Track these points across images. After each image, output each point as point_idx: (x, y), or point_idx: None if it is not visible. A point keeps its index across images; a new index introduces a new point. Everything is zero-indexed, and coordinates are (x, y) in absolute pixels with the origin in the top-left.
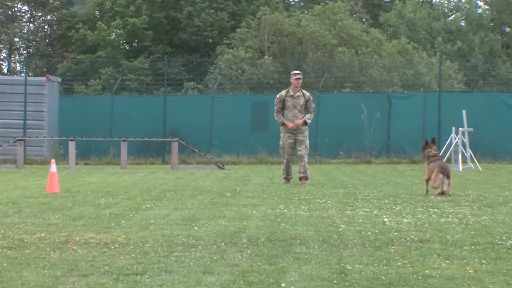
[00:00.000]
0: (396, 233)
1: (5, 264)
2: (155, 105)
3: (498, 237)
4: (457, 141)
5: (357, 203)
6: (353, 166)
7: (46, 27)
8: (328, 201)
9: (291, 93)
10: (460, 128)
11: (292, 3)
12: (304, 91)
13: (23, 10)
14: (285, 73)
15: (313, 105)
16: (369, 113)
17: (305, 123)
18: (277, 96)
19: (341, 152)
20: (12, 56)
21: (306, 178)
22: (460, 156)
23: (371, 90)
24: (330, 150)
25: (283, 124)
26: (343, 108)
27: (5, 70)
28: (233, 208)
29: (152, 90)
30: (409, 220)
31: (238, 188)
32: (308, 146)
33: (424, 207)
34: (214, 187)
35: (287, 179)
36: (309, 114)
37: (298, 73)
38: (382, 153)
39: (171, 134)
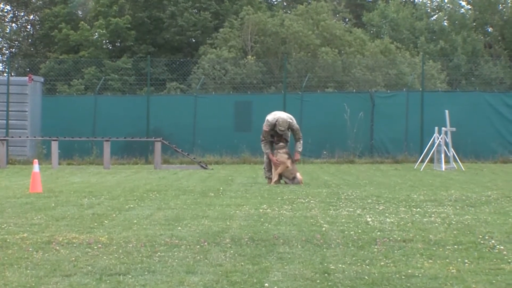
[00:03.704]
0: (379, 233)
1: None
2: (138, 105)
3: (480, 236)
4: (440, 141)
5: (340, 203)
6: (336, 166)
7: (28, 27)
8: (311, 201)
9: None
10: (443, 128)
11: (275, 3)
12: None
13: (5, 10)
14: (268, 73)
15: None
16: (352, 113)
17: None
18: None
19: (324, 152)
20: None
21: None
22: (443, 155)
23: (354, 90)
24: (313, 150)
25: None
26: (326, 108)
27: None
28: (216, 208)
29: (135, 90)
30: (392, 220)
31: (221, 188)
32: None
33: (407, 206)
34: (197, 187)
35: (271, 178)
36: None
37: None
38: (365, 153)
39: (154, 134)
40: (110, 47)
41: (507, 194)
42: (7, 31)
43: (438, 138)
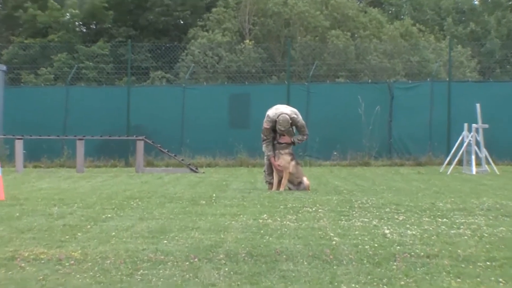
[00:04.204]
0: (398, 247)
1: None
2: (117, 98)
3: None
4: (470, 140)
5: (353, 212)
6: (348, 169)
7: None
8: (320, 210)
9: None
10: (474, 125)
11: None
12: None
13: None
14: (269, 60)
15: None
16: (367, 107)
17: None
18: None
19: (335, 153)
20: None
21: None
22: (473, 157)
23: (369, 80)
24: (321, 150)
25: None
26: (337, 101)
27: None
28: (208, 218)
29: (113, 80)
30: (414, 232)
31: (214, 195)
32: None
33: (431, 216)
34: (186, 193)
35: (272, 183)
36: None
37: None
38: (382, 154)
39: (135, 132)
40: (84, 30)
41: None
42: None
43: (468, 137)
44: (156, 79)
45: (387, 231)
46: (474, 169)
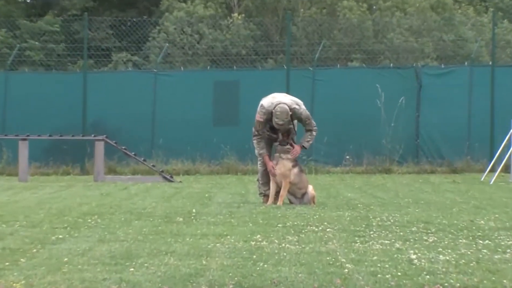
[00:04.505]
0: (428, 277)
1: None
2: (70, 87)
3: None
4: None
5: (371, 232)
6: (364, 177)
7: None
8: (328, 229)
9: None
10: None
11: None
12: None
13: None
14: (264, 39)
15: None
16: (388, 98)
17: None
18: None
19: (347, 157)
20: None
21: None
22: None
23: (391, 64)
24: (330, 153)
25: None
26: (349, 91)
27: None
28: (186, 240)
29: (65, 64)
30: (447, 257)
31: (194, 210)
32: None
33: (470, 238)
34: (158, 208)
35: (268, 195)
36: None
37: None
38: (407, 158)
39: (94, 131)
40: (29, 1)
41: None
42: None
43: None
44: (120, 63)
45: (413, 256)
46: None
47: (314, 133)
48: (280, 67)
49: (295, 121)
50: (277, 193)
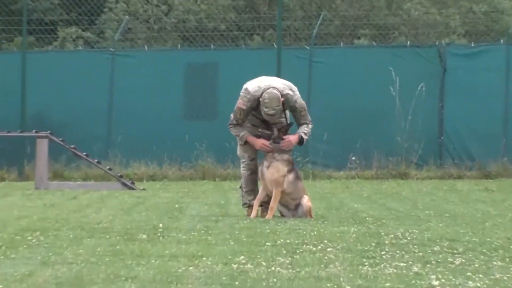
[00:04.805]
0: None
1: None
2: (5, 70)
3: None
4: None
5: (383, 253)
6: (374, 184)
7: None
8: (329, 249)
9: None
10: None
11: None
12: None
13: None
14: (248, 11)
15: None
16: (404, 85)
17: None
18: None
19: (353, 158)
20: None
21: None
22: None
23: (408, 42)
24: (331, 154)
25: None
26: (355, 76)
27: None
28: (152, 262)
29: None
30: (478, 284)
31: (161, 225)
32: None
33: (506, 259)
34: (116, 223)
35: (251, 206)
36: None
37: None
38: (428, 160)
39: (35, 125)
40: None
41: None
42: None
43: None
44: (68, 41)
45: (435, 283)
46: None
47: (310, 126)
48: (269, 46)
49: (287, 112)
50: (266, 203)
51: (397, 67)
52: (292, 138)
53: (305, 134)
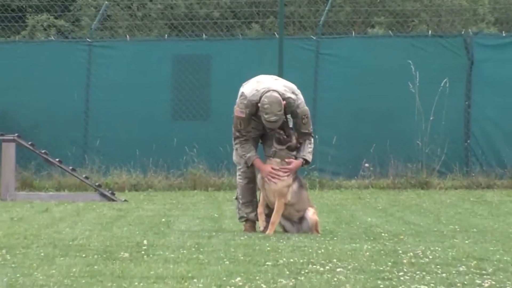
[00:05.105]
0: None
1: None
2: None
3: None
4: None
5: (400, 274)
6: (391, 194)
7: None
8: (339, 269)
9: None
10: None
11: None
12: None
13: None
14: None
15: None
16: (425, 80)
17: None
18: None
19: (366, 165)
20: None
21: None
22: None
23: (430, 31)
24: (341, 160)
25: None
26: (369, 70)
27: None
28: (135, 285)
29: None
30: None
31: (145, 242)
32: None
33: None
34: (94, 239)
35: (250, 219)
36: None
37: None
38: (452, 167)
39: (0, 127)
40: None
41: None
42: None
43: None
44: (38, 30)
45: None
46: None
47: (312, 140)
48: (270, 36)
49: (289, 116)
50: (267, 216)
51: (417, 60)
52: (297, 163)
53: (310, 153)
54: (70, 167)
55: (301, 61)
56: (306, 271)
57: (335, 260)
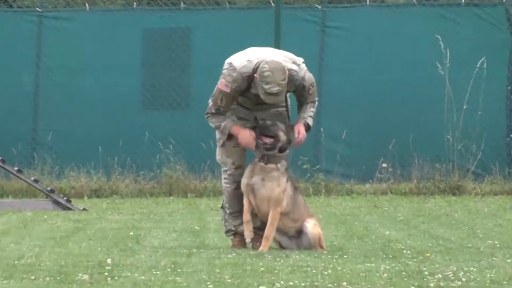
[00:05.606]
0: None
1: None
2: None
3: None
4: None
5: None
6: (415, 202)
7: None
8: None
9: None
10: None
11: None
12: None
13: None
14: None
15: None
16: (457, 60)
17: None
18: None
19: (383, 165)
20: None
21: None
22: None
23: (462, 0)
24: (353, 159)
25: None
26: (387, 48)
27: None
28: None
29: None
30: None
31: (109, 261)
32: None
33: None
34: (45, 257)
35: (239, 233)
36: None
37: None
38: (491, 168)
39: None
40: None
41: None
42: None
43: None
44: None
45: None
46: None
47: (316, 104)
48: (264, 5)
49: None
50: (257, 229)
51: (447, 35)
52: (302, 130)
53: (311, 117)
54: (16, 168)
55: (303, 36)
56: None
57: (345, 283)
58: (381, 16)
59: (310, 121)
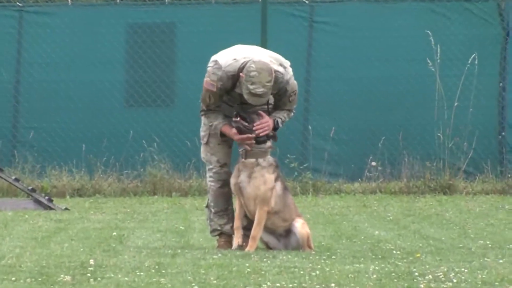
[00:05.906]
0: None
1: None
2: None
3: None
4: None
5: None
6: (405, 201)
7: None
8: None
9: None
10: None
11: None
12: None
13: None
14: None
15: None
16: (448, 56)
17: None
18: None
19: (373, 164)
20: None
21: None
22: None
23: None
24: (342, 158)
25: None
26: (377, 44)
27: None
28: None
29: None
30: None
31: (92, 262)
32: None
33: None
34: (26, 258)
35: (226, 233)
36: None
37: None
38: (482, 166)
39: None
40: None
41: None
42: None
43: None
44: None
45: None
46: None
47: (291, 115)
48: (251, 0)
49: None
50: (246, 229)
51: (437, 30)
52: (269, 121)
53: (282, 121)
54: None
55: (290, 32)
56: None
57: (333, 284)
58: (370, 10)
59: (280, 122)
